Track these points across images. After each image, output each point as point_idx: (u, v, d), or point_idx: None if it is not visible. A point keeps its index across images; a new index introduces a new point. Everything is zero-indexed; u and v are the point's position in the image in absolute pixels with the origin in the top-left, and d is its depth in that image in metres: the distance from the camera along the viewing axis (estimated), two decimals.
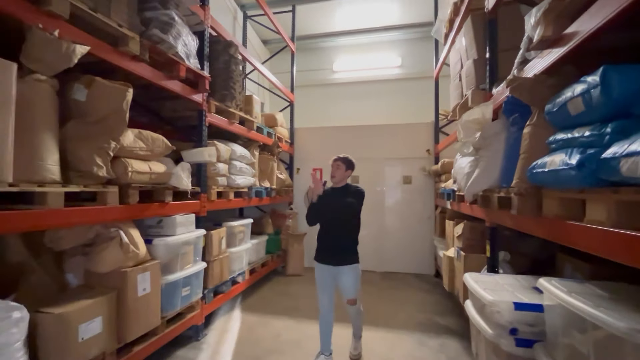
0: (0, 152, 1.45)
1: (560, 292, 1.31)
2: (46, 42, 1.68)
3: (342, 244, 2.62)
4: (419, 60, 6.86)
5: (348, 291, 2.61)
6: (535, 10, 1.64)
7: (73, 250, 2.23)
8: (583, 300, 1.19)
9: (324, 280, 2.62)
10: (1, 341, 1.49)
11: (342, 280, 2.59)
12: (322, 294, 2.62)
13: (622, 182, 1.12)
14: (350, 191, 2.65)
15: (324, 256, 2.63)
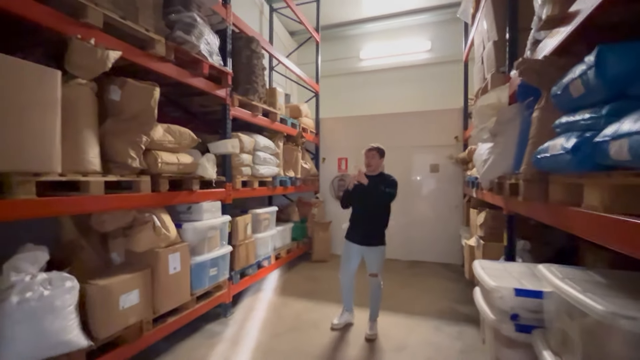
0: (50, 147, 1.72)
1: (553, 277, 1.30)
2: (84, 50, 1.92)
3: (373, 226, 2.90)
4: (449, 43, 6.57)
5: (372, 266, 2.92)
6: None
7: (116, 232, 2.55)
8: (573, 285, 1.18)
9: (349, 255, 2.97)
10: (57, 305, 1.80)
11: (368, 257, 2.92)
12: (346, 266, 3.00)
13: (616, 166, 1.09)
14: (386, 180, 2.90)
15: (355, 236, 2.93)
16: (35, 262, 1.82)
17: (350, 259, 2.98)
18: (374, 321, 3.00)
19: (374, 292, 2.97)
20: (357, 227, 2.94)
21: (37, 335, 1.71)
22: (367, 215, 2.91)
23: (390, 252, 5.74)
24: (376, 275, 2.93)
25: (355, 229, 2.95)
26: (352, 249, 2.95)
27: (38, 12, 1.75)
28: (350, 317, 3.15)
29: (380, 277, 2.96)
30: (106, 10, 2.03)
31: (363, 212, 2.93)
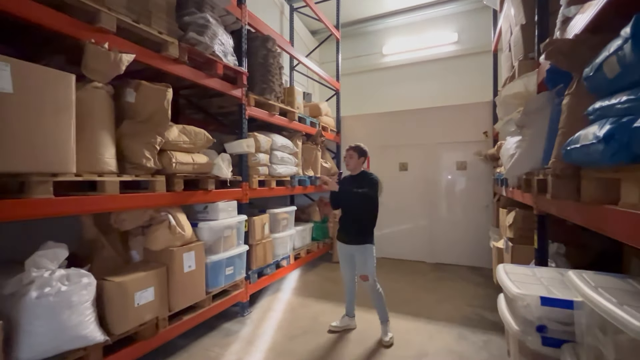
0: (65, 148, 1.79)
1: (583, 285, 1.13)
2: (98, 54, 1.98)
3: (354, 226, 2.84)
4: (476, 33, 6.22)
5: (360, 268, 2.86)
6: None
7: (135, 231, 2.63)
8: (606, 296, 1.02)
9: (343, 256, 2.97)
10: (74, 300, 1.86)
11: (356, 257, 2.86)
12: (343, 268, 3.01)
13: None
14: (365, 180, 2.83)
15: (341, 235, 2.94)
16: (54, 259, 1.89)
17: (345, 260, 2.97)
18: (385, 324, 2.87)
19: (372, 296, 2.88)
20: (343, 227, 2.95)
21: (54, 329, 1.78)
22: (350, 215, 2.89)
23: (415, 253, 5.58)
24: (367, 278, 2.81)
25: (342, 229, 2.95)
26: (343, 250, 2.95)
27: (57, 19, 1.83)
28: (351, 322, 3.07)
29: (373, 279, 2.83)
30: (119, 14, 2.08)
31: (347, 212, 2.92)
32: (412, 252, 5.64)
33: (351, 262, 2.93)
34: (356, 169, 2.92)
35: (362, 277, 2.85)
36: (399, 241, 5.76)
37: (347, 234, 2.90)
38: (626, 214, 1.03)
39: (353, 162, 2.91)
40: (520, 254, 2.55)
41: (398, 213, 5.78)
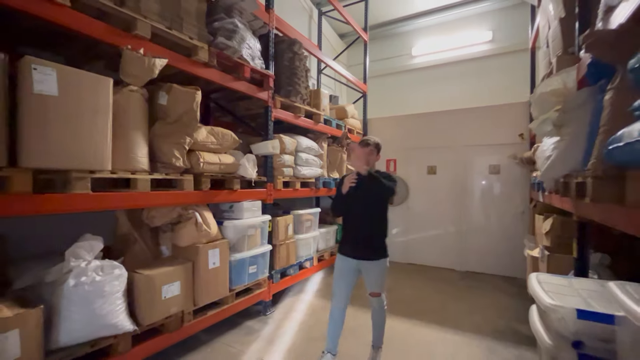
0: (102, 147, 1.91)
1: (625, 297, 1.01)
2: (134, 60, 2.11)
3: (373, 236, 2.40)
4: (512, 31, 5.94)
5: (373, 284, 2.42)
6: None
7: (164, 227, 2.75)
8: None
9: (344, 273, 2.42)
10: (107, 290, 1.98)
11: (368, 273, 2.41)
12: (337, 286, 2.43)
13: None
14: (383, 175, 2.38)
15: (348, 249, 2.42)
16: (91, 250, 2.02)
17: (346, 278, 2.41)
18: (378, 350, 2.50)
19: (377, 313, 2.49)
20: (354, 237, 2.41)
21: (88, 316, 1.89)
22: (366, 221, 2.38)
23: (443, 261, 5.37)
24: (379, 294, 2.44)
25: (352, 241, 2.41)
26: (346, 265, 2.40)
27: (97, 28, 1.97)
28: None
29: (384, 295, 2.49)
30: (153, 21, 2.21)
31: (360, 218, 2.38)
32: (441, 259, 5.43)
33: (352, 281, 2.43)
34: (373, 167, 2.45)
35: (373, 294, 2.44)
36: (426, 247, 5.57)
37: (358, 247, 2.38)
38: None
39: (373, 160, 2.45)
40: (558, 263, 2.36)
41: (426, 218, 5.59)
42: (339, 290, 2.43)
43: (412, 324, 3.19)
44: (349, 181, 2.29)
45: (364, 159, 2.34)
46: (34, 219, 2.38)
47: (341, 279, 2.42)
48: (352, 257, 2.39)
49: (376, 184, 2.27)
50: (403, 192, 5.80)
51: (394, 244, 5.82)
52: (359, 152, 2.41)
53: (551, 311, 1.38)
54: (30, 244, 2.34)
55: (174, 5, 2.36)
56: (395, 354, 2.66)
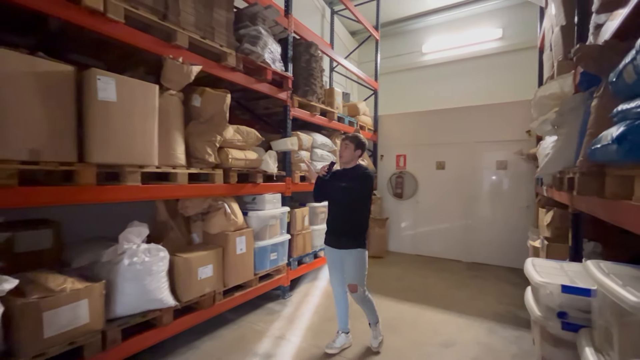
0: (150, 145, 2.20)
1: (596, 271, 1.25)
2: (174, 67, 2.38)
3: (345, 227, 2.48)
4: (522, 29, 6.04)
5: (348, 276, 2.49)
6: None
7: (196, 217, 3.05)
8: (614, 279, 1.14)
9: (332, 263, 2.58)
10: (154, 269, 2.28)
11: (345, 264, 2.50)
12: (331, 275, 2.62)
13: None
14: (357, 174, 2.48)
15: (330, 239, 2.57)
16: (139, 235, 2.32)
17: (335, 267, 2.57)
18: (375, 326, 2.62)
19: (361, 305, 2.60)
20: (331, 228, 2.56)
21: (139, 291, 2.20)
22: (339, 214, 2.51)
23: (450, 253, 5.60)
24: (355, 288, 2.47)
25: (331, 231, 2.57)
26: (332, 255, 2.55)
27: (143, 40, 2.24)
28: (347, 340, 2.65)
29: (362, 289, 2.51)
30: (190, 32, 2.47)
31: (335, 211, 2.54)
32: (448, 251, 5.66)
33: (341, 269, 2.54)
34: (350, 162, 2.52)
35: (350, 287, 2.49)
36: (434, 239, 5.80)
37: (336, 236, 2.51)
38: (636, 208, 1.15)
39: (348, 154, 2.49)
40: (556, 252, 2.58)
41: (434, 211, 5.81)
42: (334, 278, 2.61)
43: (420, 308, 3.45)
44: (322, 170, 2.56)
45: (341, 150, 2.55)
46: (79, 207, 2.67)
47: (332, 267, 2.59)
48: (333, 246, 2.53)
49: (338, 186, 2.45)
50: (412, 186, 6.01)
51: (403, 237, 6.08)
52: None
53: (540, 287, 1.62)
54: (76, 230, 2.64)
55: (207, 17, 2.62)
56: (404, 333, 2.92)
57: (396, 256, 5.82)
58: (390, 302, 3.61)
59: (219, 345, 2.67)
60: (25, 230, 2.25)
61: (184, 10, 2.42)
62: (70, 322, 1.86)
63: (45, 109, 1.75)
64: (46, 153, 1.75)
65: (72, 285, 1.90)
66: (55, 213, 2.48)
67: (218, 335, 2.82)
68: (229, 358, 2.48)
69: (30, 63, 1.71)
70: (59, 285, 1.87)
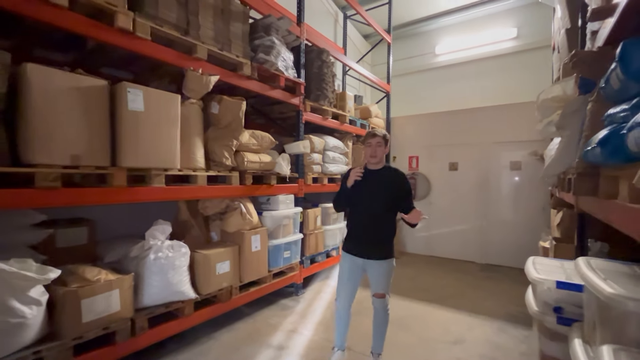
0: (174, 150, 2.40)
1: (583, 267, 1.32)
2: (195, 78, 2.59)
3: (380, 235, 2.27)
4: (538, 28, 5.96)
5: (378, 285, 2.28)
6: None
7: (214, 216, 3.25)
8: (599, 274, 1.21)
9: (349, 272, 2.32)
10: (177, 264, 2.48)
11: (373, 273, 2.29)
12: (343, 285, 2.34)
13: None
14: (398, 176, 2.30)
15: (353, 246, 2.31)
16: (163, 233, 2.53)
17: (351, 277, 2.31)
18: (378, 357, 2.39)
19: (380, 316, 2.34)
20: (359, 234, 2.29)
21: (164, 283, 2.40)
22: (372, 218, 2.25)
23: (465, 254, 5.58)
24: (384, 295, 2.29)
25: (356, 238, 2.30)
26: (352, 264, 2.30)
27: (167, 54, 2.45)
28: (343, 358, 2.41)
29: (388, 298, 2.33)
30: (209, 45, 2.67)
31: (366, 215, 2.26)
32: (462, 252, 5.66)
33: (357, 280, 2.34)
34: (380, 162, 2.31)
35: (377, 295, 2.31)
36: (448, 240, 5.81)
37: (362, 245, 2.27)
38: (620, 205, 1.22)
39: (381, 153, 2.27)
40: (563, 251, 2.60)
41: (447, 212, 5.82)
42: (344, 290, 2.33)
43: (432, 307, 3.52)
44: (355, 174, 2.21)
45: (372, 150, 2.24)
46: (106, 207, 2.90)
47: (346, 278, 2.32)
48: (357, 255, 2.28)
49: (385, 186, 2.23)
50: (425, 187, 6.05)
51: (416, 238, 6.11)
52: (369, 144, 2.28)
53: (538, 283, 1.69)
54: (105, 228, 2.88)
55: (224, 30, 2.81)
56: (414, 330, 3.01)
57: (410, 257, 5.86)
58: (402, 301, 3.69)
59: (235, 336, 2.85)
60: (65, 228, 2.51)
61: (204, 26, 2.62)
62: (105, 309, 2.07)
63: (84, 119, 1.98)
64: (85, 158, 1.98)
65: (106, 277, 2.13)
66: (84, 212, 2.73)
67: (235, 328, 3.00)
68: (246, 348, 2.65)
69: (72, 79, 1.94)
70: (95, 276, 2.09)
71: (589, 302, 1.31)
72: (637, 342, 1.00)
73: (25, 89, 1.78)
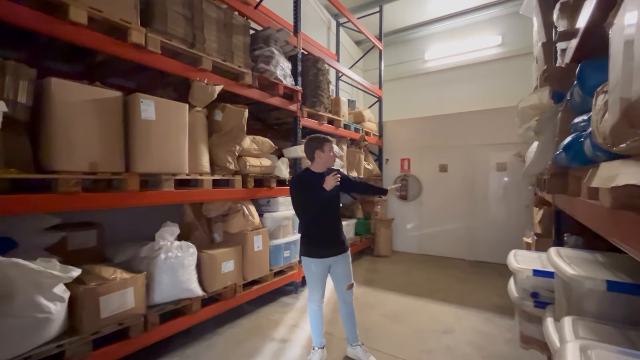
0: (182, 156, 2.56)
1: (553, 255, 1.53)
2: (201, 88, 2.75)
3: (340, 233, 2.50)
4: (521, 35, 6.28)
5: (346, 277, 2.50)
6: (557, 5, 1.78)
7: (217, 218, 3.40)
8: (564, 260, 1.42)
9: (319, 275, 2.44)
10: (185, 263, 2.62)
11: (339, 267, 2.46)
12: (316, 290, 2.47)
13: (593, 160, 1.33)
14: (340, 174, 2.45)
15: (322, 248, 2.42)
16: (172, 234, 2.68)
17: (322, 278, 2.46)
18: (362, 346, 2.55)
19: (350, 307, 2.56)
20: (328, 235, 2.44)
21: (174, 282, 2.55)
22: (335, 217, 2.48)
23: (454, 251, 5.83)
24: (352, 284, 2.54)
25: (326, 240, 2.43)
26: (320, 266, 2.42)
27: (175, 66, 2.60)
28: (324, 355, 2.54)
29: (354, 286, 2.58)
30: (214, 57, 2.84)
31: (332, 216, 2.46)
32: (452, 250, 5.90)
33: (325, 280, 2.50)
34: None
35: (349, 287, 2.52)
36: (438, 239, 6.05)
37: (330, 245, 2.43)
38: (581, 201, 1.43)
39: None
40: (543, 245, 2.83)
41: (438, 212, 6.06)
42: (317, 292, 2.47)
43: (423, 301, 3.72)
44: (335, 179, 2.27)
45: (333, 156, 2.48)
46: (112, 211, 3.01)
47: (319, 281, 2.45)
48: (327, 256, 2.41)
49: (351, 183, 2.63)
50: (416, 189, 6.28)
51: (408, 237, 6.34)
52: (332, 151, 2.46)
53: (518, 272, 1.90)
54: (112, 231, 3.00)
55: (227, 43, 2.98)
56: (407, 322, 3.20)
57: (402, 255, 6.08)
58: (395, 295, 3.89)
59: (239, 331, 3.00)
60: (76, 231, 2.63)
61: (209, 39, 2.79)
62: (120, 305, 2.21)
63: (100, 128, 2.12)
64: (101, 165, 2.12)
65: (121, 275, 2.27)
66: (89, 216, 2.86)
67: (238, 324, 3.15)
68: (250, 342, 2.81)
69: (90, 92, 2.09)
70: (111, 274, 2.23)
71: (558, 284, 1.52)
72: (592, 314, 1.21)
73: (49, 101, 1.92)
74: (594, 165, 1.27)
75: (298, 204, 2.38)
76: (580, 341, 0.76)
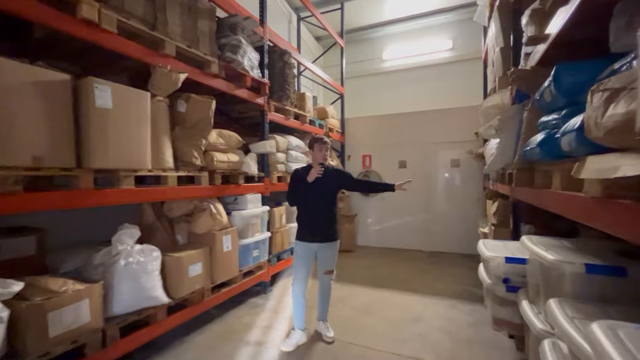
0: (144, 150, 2.30)
1: (529, 242, 1.66)
2: (163, 75, 2.49)
3: (330, 221, 2.76)
4: (470, 41, 6.76)
5: (329, 263, 2.77)
6: (527, 12, 1.92)
7: (179, 219, 3.14)
8: (541, 247, 1.55)
9: (305, 258, 2.71)
10: (149, 268, 2.38)
11: (325, 254, 2.74)
12: (300, 271, 2.71)
13: (569, 155, 1.45)
14: (338, 170, 2.93)
15: (311, 234, 2.69)
16: (131, 237, 2.40)
17: (307, 261, 2.72)
18: (326, 321, 2.90)
19: (326, 287, 2.86)
20: (314, 223, 2.71)
21: (136, 289, 2.29)
22: (324, 207, 2.74)
23: (413, 243, 6.13)
24: (332, 271, 2.82)
25: (312, 227, 2.71)
26: (306, 250, 2.70)
27: (134, 49, 2.33)
28: (304, 337, 2.75)
29: (335, 272, 2.86)
30: (177, 42, 2.59)
31: (320, 206, 2.72)
32: (411, 242, 6.20)
33: (311, 265, 2.76)
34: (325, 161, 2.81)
35: (328, 272, 2.79)
36: (398, 233, 6.31)
37: (318, 231, 2.70)
38: (554, 193, 1.57)
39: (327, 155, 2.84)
40: (500, 235, 3.09)
41: (397, 207, 6.32)
42: (300, 274, 2.71)
43: (390, 293, 3.85)
44: (317, 172, 2.61)
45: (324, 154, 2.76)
46: (55, 213, 2.61)
47: (303, 263, 2.71)
48: (311, 241, 2.68)
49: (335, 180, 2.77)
50: None
51: (370, 232, 6.52)
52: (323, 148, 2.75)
53: (490, 260, 2.03)
54: (59, 236, 2.62)
55: (192, 27, 2.75)
56: (378, 314, 3.29)
57: (365, 249, 6.24)
58: (363, 289, 3.97)
59: (210, 337, 2.82)
60: (9, 238, 2.24)
61: (171, 22, 2.54)
62: (73, 321, 1.93)
63: (45, 116, 1.81)
64: (48, 159, 1.82)
65: (73, 287, 1.97)
66: (27, 219, 2.46)
67: (207, 330, 2.95)
68: (222, 347, 2.65)
69: (32, 72, 1.77)
70: (61, 286, 1.93)
71: (534, 270, 1.65)
72: (570, 294, 1.33)
73: None
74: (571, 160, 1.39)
75: (288, 192, 2.81)
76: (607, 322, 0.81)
